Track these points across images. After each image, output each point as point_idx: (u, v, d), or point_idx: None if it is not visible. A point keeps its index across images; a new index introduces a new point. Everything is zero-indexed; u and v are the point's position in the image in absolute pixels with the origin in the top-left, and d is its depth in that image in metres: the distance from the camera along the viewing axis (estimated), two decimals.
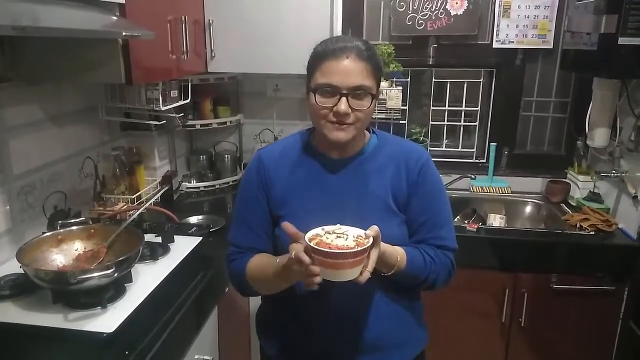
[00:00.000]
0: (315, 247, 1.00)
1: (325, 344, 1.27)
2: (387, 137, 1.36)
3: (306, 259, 0.99)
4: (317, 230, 1.08)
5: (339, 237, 1.07)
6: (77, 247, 1.55)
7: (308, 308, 1.26)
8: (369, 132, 1.33)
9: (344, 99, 1.15)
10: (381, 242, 1.08)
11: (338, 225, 1.10)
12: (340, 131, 1.18)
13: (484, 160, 2.82)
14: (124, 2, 1.52)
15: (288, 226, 1.08)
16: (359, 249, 1.02)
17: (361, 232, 1.08)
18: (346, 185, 1.26)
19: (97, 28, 1.39)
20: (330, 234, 1.07)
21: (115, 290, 1.42)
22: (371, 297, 1.24)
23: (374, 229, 1.05)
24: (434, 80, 2.78)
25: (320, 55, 1.18)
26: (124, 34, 1.42)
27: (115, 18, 1.51)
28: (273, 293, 1.24)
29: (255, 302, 1.47)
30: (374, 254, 1.05)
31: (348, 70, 1.15)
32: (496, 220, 2.54)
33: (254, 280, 1.26)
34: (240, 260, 1.29)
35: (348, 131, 1.19)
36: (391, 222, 1.24)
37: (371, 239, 1.04)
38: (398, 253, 1.18)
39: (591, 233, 2.20)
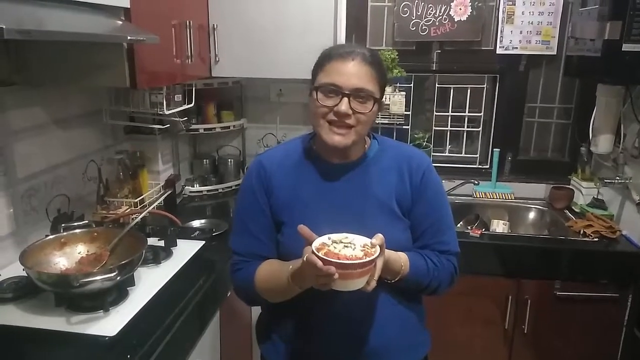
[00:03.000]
0: (325, 257, 0.99)
1: (329, 350, 1.26)
2: (388, 142, 1.36)
3: (319, 262, 0.98)
4: (324, 239, 1.07)
5: (347, 246, 1.06)
6: (80, 250, 1.55)
7: (311, 314, 1.24)
8: (370, 138, 1.33)
9: (345, 99, 1.15)
10: (385, 250, 1.08)
11: (345, 234, 1.09)
12: (339, 136, 1.18)
13: (487, 166, 2.82)
14: (129, 6, 1.53)
15: (304, 229, 1.07)
16: (368, 259, 1.01)
17: (367, 240, 1.07)
18: (349, 191, 1.25)
19: (102, 32, 1.40)
20: (337, 243, 1.07)
21: (117, 293, 1.42)
22: (374, 303, 1.24)
23: (379, 238, 1.05)
24: (437, 85, 2.78)
25: (326, 57, 1.20)
26: (129, 38, 1.43)
27: (120, 22, 1.51)
28: (283, 300, 1.22)
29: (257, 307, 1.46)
30: (379, 263, 1.05)
31: (352, 71, 1.16)
32: (499, 226, 2.53)
33: (265, 288, 1.24)
34: (246, 269, 1.27)
35: (347, 136, 1.18)
36: (396, 228, 1.24)
37: (378, 248, 1.04)
38: (402, 260, 1.18)
39: (595, 240, 2.19)
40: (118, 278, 1.34)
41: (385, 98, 2.42)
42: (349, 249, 1.05)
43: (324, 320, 1.24)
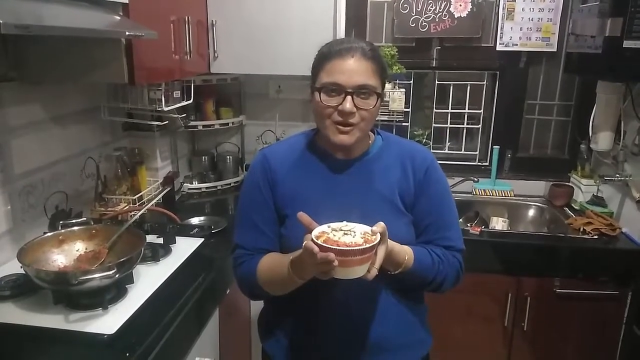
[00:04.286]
0: (323, 244, 0.99)
1: (330, 345, 1.26)
2: (391, 137, 1.36)
3: (316, 248, 0.98)
4: (323, 228, 1.07)
5: (346, 234, 1.05)
6: (79, 247, 1.54)
7: (313, 310, 1.25)
8: (374, 133, 1.33)
9: (349, 97, 1.15)
10: (389, 240, 1.07)
11: (344, 222, 1.09)
12: (344, 134, 1.18)
13: (487, 163, 2.82)
14: (127, 1, 1.52)
15: (303, 216, 1.07)
16: (367, 245, 1.01)
17: (367, 228, 1.07)
18: (352, 186, 1.25)
19: (100, 27, 1.39)
20: (337, 231, 1.06)
21: (116, 291, 1.41)
22: (376, 299, 1.23)
23: (380, 225, 1.04)
24: (437, 82, 2.77)
25: (325, 56, 1.18)
26: (127, 33, 1.42)
27: (118, 18, 1.50)
28: (285, 293, 1.22)
29: (256, 304, 1.46)
30: (381, 251, 1.05)
31: (353, 69, 1.15)
32: (499, 224, 2.53)
33: (266, 281, 1.24)
34: (249, 262, 1.27)
35: (352, 134, 1.18)
36: (398, 222, 1.24)
37: (378, 236, 1.03)
38: (406, 252, 1.17)
39: (595, 237, 2.19)
40: (117, 276, 1.33)
41: (385, 95, 2.41)
42: (348, 237, 1.05)
43: (326, 315, 1.24)
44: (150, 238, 1.75)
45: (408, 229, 1.26)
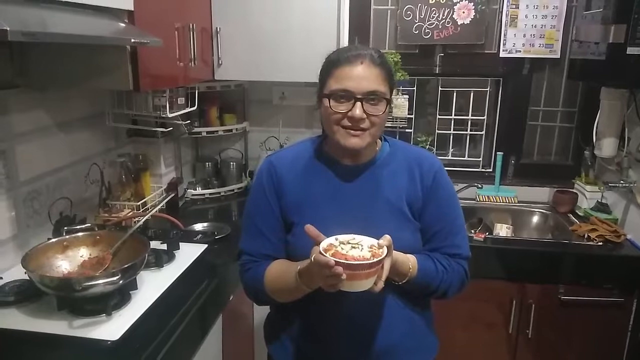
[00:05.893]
0: (332, 258, 0.99)
1: (336, 351, 1.25)
2: (398, 144, 1.36)
3: (332, 261, 0.98)
4: (331, 240, 1.07)
5: (354, 247, 1.06)
6: (83, 253, 1.55)
7: (319, 315, 1.24)
8: (381, 140, 1.33)
9: (358, 103, 1.15)
10: (393, 251, 1.07)
11: (352, 235, 1.09)
12: (355, 138, 1.18)
13: (491, 170, 2.81)
14: (132, 9, 1.53)
15: (311, 229, 1.07)
16: (375, 260, 1.01)
17: (374, 241, 1.07)
18: (360, 193, 1.25)
19: (105, 34, 1.39)
20: (344, 244, 1.07)
21: (120, 297, 1.41)
22: (382, 305, 1.23)
23: (386, 239, 1.05)
24: (440, 89, 2.77)
25: (334, 62, 1.19)
26: (132, 40, 1.42)
27: (123, 25, 1.51)
28: (291, 300, 1.22)
29: (259, 311, 1.45)
30: (387, 264, 1.05)
31: (362, 75, 1.15)
32: (503, 230, 2.52)
33: (273, 288, 1.24)
34: (255, 269, 1.27)
35: (363, 138, 1.18)
36: (406, 230, 1.24)
37: (385, 249, 1.04)
38: (410, 262, 1.17)
39: (599, 244, 2.18)
40: (120, 282, 1.34)
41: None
42: (356, 250, 1.05)
43: (332, 321, 1.24)
44: (154, 244, 1.75)
45: (415, 237, 1.26)
